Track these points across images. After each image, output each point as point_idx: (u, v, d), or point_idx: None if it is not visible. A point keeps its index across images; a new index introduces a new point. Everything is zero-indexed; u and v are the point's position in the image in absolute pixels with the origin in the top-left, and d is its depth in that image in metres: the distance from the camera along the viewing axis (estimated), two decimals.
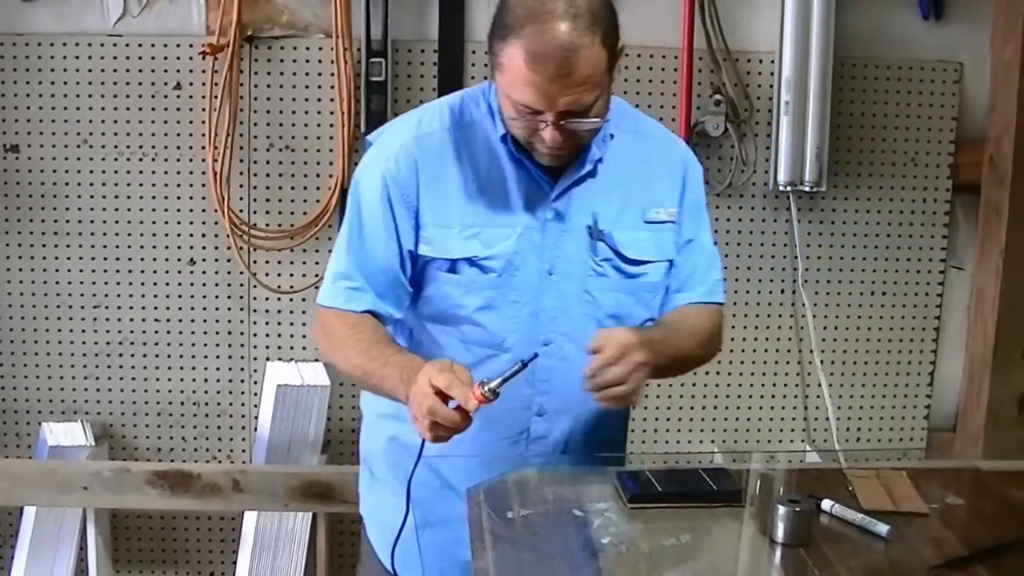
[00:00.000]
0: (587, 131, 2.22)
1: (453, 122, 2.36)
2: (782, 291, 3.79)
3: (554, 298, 2.35)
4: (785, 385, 3.87)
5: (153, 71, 3.58)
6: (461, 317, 2.38)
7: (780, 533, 2.10)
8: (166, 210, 3.64)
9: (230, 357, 3.71)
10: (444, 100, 2.43)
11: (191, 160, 3.62)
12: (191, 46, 3.56)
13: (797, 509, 2.10)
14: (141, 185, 3.63)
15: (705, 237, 2.53)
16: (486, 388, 2.06)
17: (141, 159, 3.61)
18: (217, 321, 3.70)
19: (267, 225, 3.66)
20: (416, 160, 2.33)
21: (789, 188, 3.63)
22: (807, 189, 3.63)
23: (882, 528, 2.13)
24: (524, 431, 2.41)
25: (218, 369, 3.72)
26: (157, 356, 3.74)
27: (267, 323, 3.71)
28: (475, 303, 2.36)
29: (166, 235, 3.66)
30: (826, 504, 2.23)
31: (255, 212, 3.66)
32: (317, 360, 3.66)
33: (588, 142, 2.29)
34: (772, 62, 3.64)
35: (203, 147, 3.57)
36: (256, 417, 3.74)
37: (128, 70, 3.58)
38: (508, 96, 2.18)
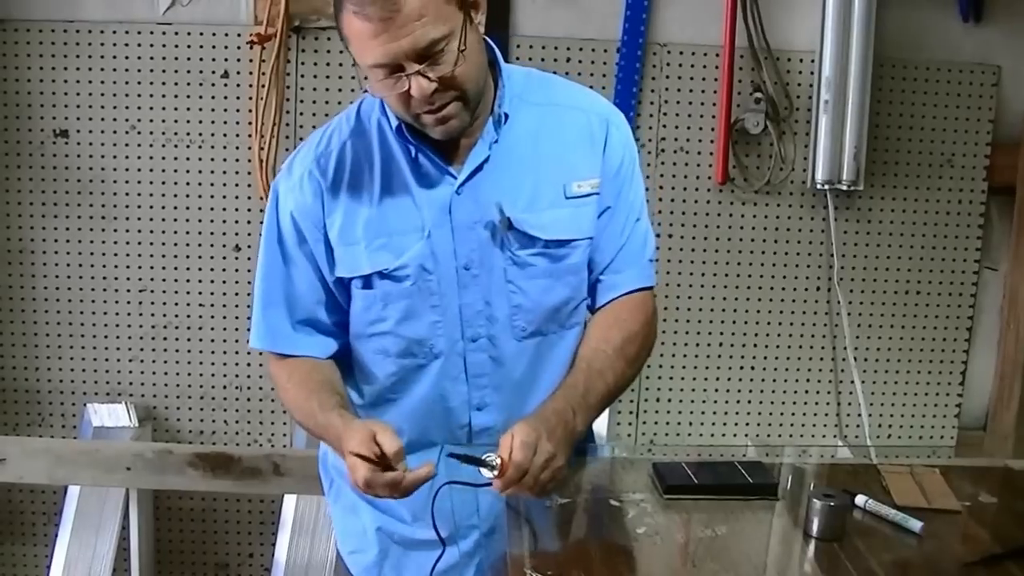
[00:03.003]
0: (457, 74, 2.06)
1: (351, 132, 2.27)
2: (817, 288, 3.81)
3: (476, 293, 2.27)
4: (819, 381, 3.89)
5: (201, 59, 3.61)
6: (383, 332, 2.33)
7: (814, 527, 2.12)
8: (212, 196, 3.68)
9: None
10: (344, 112, 2.35)
11: (237, 148, 3.65)
12: (239, 35, 3.59)
13: (832, 503, 2.12)
14: (188, 172, 3.67)
15: (631, 206, 2.37)
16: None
17: (188, 146, 3.65)
18: None
19: None
20: (319, 184, 2.25)
21: (827, 186, 3.65)
22: (844, 188, 3.64)
23: (915, 524, 2.15)
24: (465, 425, 2.36)
25: (260, 354, 3.72)
26: (201, 340, 3.77)
27: None
28: (394, 315, 2.29)
29: (211, 221, 3.69)
30: (860, 499, 2.25)
31: None
32: None
33: (471, 93, 2.12)
34: (812, 61, 3.65)
35: (249, 135, 3.61)
36: None
37: (176, 58, 3.61)
38: (364, 68, 2.08)
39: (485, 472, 2.05)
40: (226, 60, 3.62)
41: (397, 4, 1.95)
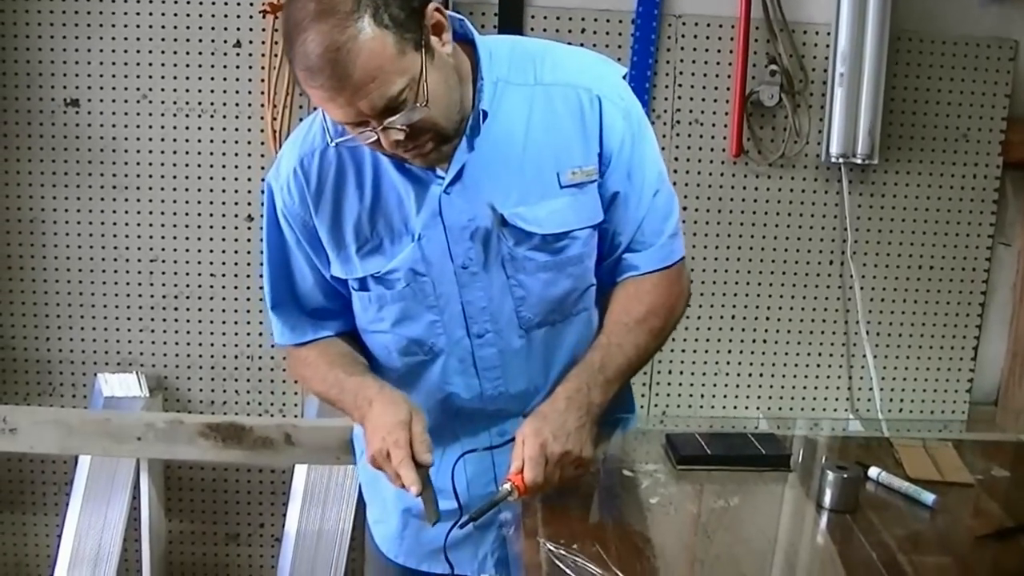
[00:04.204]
0: (426, 117, 1.98)
1: (336, 131, 2.10)
2: (831, 262, 3.80)
3: (478, 291, 2.24)
4: (831, 355, 3.88)
5: (213, 28, 3.59)
6: (382, 331, 2.33)
7: (828, 499, 2.12)
8: (224, 166, 3.67)
9: None
10: None
11: (249, 118, 3.64)
12: (251, 4, 3.56)
13: (845, 475, 2.12)
14: (199, 141, 3.66)
15: (644, 183, 2.25)
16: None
17: (200, 116, 3.64)
18: None
19: None
20: (303, 186, 2.21)
21: (841, 160, 3.63)
22: (859, 162, 3.63)
23: (928, 497, 2.16)
24: (481, 412, 2.35)
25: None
26: (212, 310, 3.77)
27: None
28: (390, 316, 2.29)
29: (223, 191, 3.69)
30: (873, 472, 2.25)
31: None
32: None
33: (445, 126, 2.05)
34: (828, 34, 3.62)
35: (262, 105, 3.60)
36: None
37: (188, 27, 3.59)
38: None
39: (509, 498, 2.07)
40: (238, 29, 3.60)
41: (346, 71, 1.86)
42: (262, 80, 3.58)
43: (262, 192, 3.54)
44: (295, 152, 2.24)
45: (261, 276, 3.58)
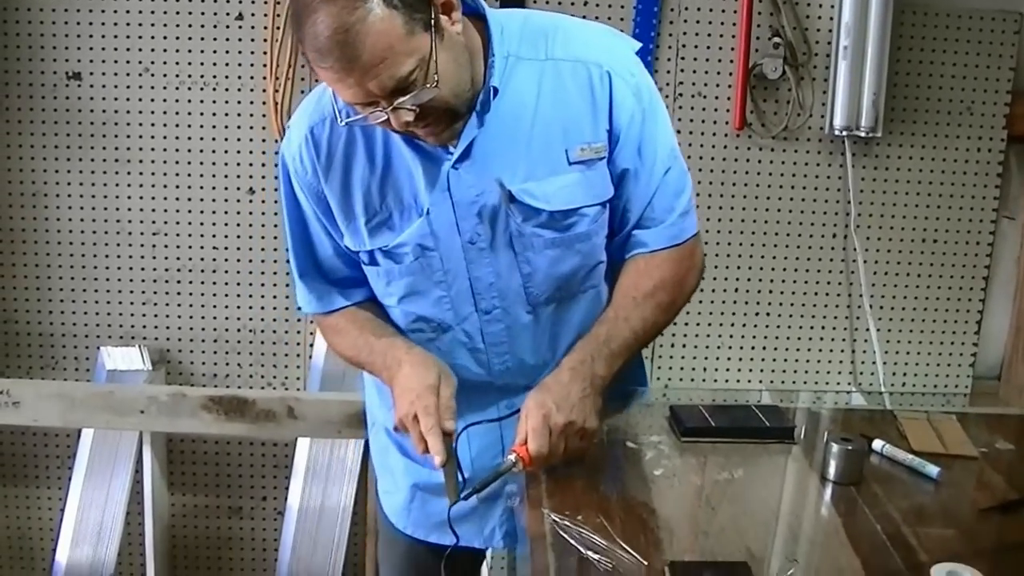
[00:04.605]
0: (436, 96, 1.97)
1: (345, 111, 2.08)
2: (834, 235, 3.79)
3: (485, 267, 2.24)
4: (834, 329, 3.87)
5: (215, 1, 3.58)
6: (390, 306, 2.35)
7: (832, 471, 2.13)
8: (226, 139, 3.66)
9: (287, 286, 3.73)
10: None
11: (252, 91, 3.63)
12: None
13: (849, 447, 2.12)
14: (202, 114, 3.65)
15: (655, 159, 2.24)
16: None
17: (202, 88, 3.63)
18: (275, 250, 3.72)
19: None
20: (313, 155, 2.21)
21: (845, 133, 3.62)
22: (862, 134, 3.61)
23: (932, 470, 2.16)
24: (491, 384, 2.37)
25: (275, 297, 3.76)
26: (215, 283, 3.77)
27: None
28: (397, 292, 2.30)
29: (226, 164, 3.68)
30: (877, 444, 2.25)
31: None
32: None
33: (456, 104, 2.05)
34: (832, 6, 3.61)
35: (264, 77, 3.59)
36: (311, 345, 3.79)
37: (190, 0, 3.59)
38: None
39: (514, 470, 2.08)
40: (240, 2, 3.59)
41: (355, 52, 1.86)
42: (264, 53, 3.57)
43: (263, 165, 3.58)
44: (305, 121, 2.23)
45: (263, 249, 3.64)
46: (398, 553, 2.68)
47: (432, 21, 1.93)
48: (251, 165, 3.68)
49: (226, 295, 3.78)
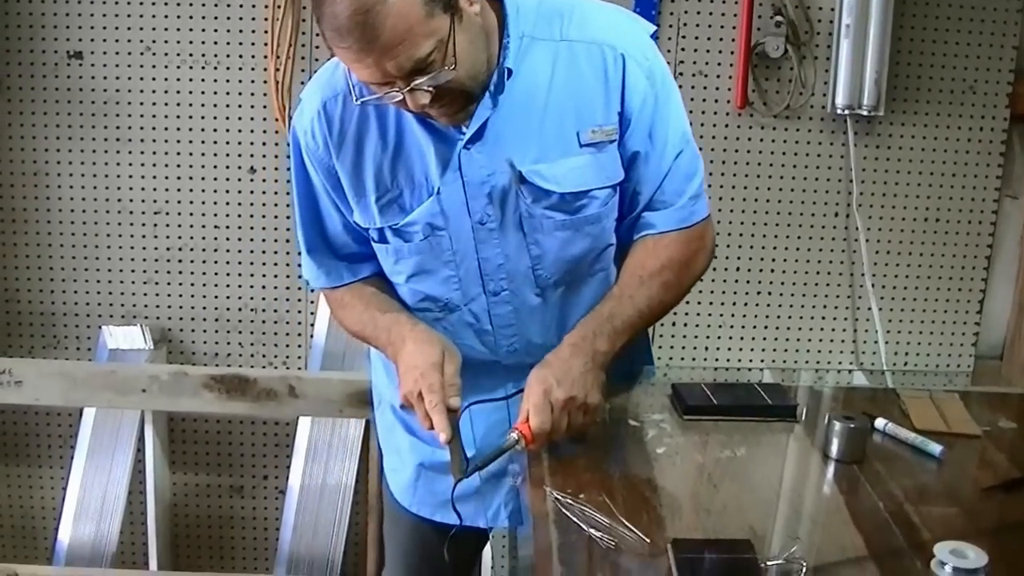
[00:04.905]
0: (452, 78, 1.98)
1: (360, 90, 2.07)
2: (836, 214, 3.78)
3: (494, 248, 2.24)
4: (836, 308, 3.86)
5: None
6: (398, 284, 2.36)
7: (834, 449, 2.12)
8: (227, 118, 3.66)
9: (288, 265, 3.74)
10: None
11: (253, 69, 3.62)
12: None
13: (852, 426, 2.12)
14: (203, 93, 3.64)
15: (666, 143, 2.23)
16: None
17: (203, 67, 3.62)
18: (276, 229, 3.72)
19: None
20: (325, 130, 2.20)
21: (847, 112, 3.61)
22: (865, 113, 3.60)
23: (935, 448, 2.15)
24: (498, 363, 2.38)
25: (276, 276, 3.76)
26: (216, 263, 3.77)
27: None
28: (406, 271, 2.30)
29: (227, 143, 3.67)
30: (879, 423, 2.25)
31: None
32: None
33: (472, 86, 2.06)
34: None
35: (265, 56, 3.58)
36: (312, 324, 3.79)
37: None
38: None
39: (516, 447, 2.07)
40: None
41: (374, 33, 1.86)
42: (265, 31, 3.56)
43: (264, 144, 3.58)
44: (318, 95, 2.22)
45: (264, 229, 3.63)
46: (403, 531, 2.68)
47: (451, 2, 1.94)
48: (252, 144, 3.67)
49: (227, 274, 3.78)
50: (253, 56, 3.61)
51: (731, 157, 3.71)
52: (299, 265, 2.47)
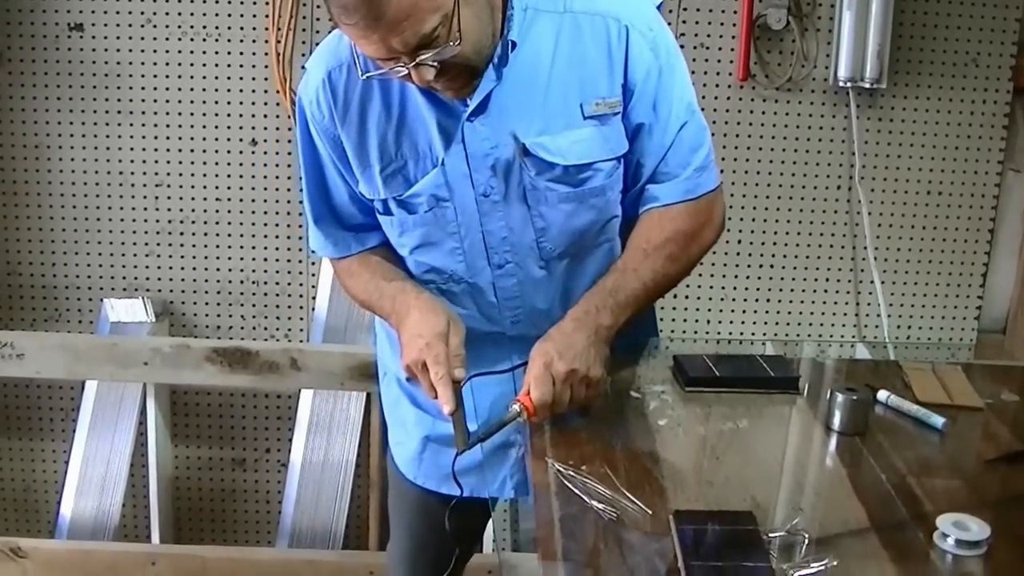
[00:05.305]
0: (457, 53, 1.97)
1: (365, 65, 2.08)
2: (838, 187, 3.77)
3: (498, 220, 2.24)
4: (838, 281, 3.86)
5: None
6: (403, 257, 2.36)
7: (837, 421, 2.12)
8: (228, 91, 3.65)
9: (289, 238, 3.74)
10: None
11: (254, 41, 3.61)
12: None
13: (854, 398, 2.12)
14: (204, 65, 3.64)
15: (671, 115, 2.22)
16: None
17: (204, 39, 3.61)
18: (277, 202, 3.72)
19: None
20: (330, 101, 2.20)
21: (849, 84, 3.60)
22: (867, 86, 3.59)
23: (937, 420, 2.15)
24: (503, 334, 2.38)
25: (277, 249, 3.75)
26: (218, 235, 3.77)
27: None
28: (410, 243, 2.30)
29: (228, 115, 3.67)
30: (882, 395, 2.24)
31: None
32: None
33: (477, 61, 2.05)
34: None
35: (266, 28, 3.57)
36: (314, 298, 3.79)
37: None
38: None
39: (518, 419, 2.07)
40: None
41: (381, 10, 1.85)
42: (267, 3, 3.55)
43: (265, 116, 3.57)
44: (323, 65, 2.22)
45: (266, 201, 3.63)
46: (408, 504, 2.69)
47: None
48: (253, 116, 3.67)
49: (229, 247, 3.77)
50: (254, 28, 3.60)
51: (733, 130, 3.71)
52: (300, 237, 2.48)
